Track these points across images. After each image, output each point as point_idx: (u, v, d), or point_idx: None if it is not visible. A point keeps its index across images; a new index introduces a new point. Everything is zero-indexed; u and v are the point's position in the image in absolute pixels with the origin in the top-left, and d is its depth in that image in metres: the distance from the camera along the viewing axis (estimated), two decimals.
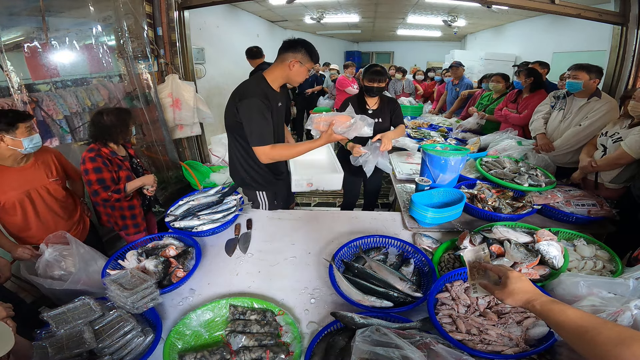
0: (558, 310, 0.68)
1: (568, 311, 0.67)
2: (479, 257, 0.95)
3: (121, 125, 1.81)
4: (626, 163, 1.75)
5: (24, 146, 1.52)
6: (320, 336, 1.01)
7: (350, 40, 11.63)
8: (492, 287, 0.82)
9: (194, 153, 3.66)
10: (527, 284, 0.77)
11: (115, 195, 1.77)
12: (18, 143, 1.50)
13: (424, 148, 1.90)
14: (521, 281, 0.77)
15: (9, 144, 1.49)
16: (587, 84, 2.12)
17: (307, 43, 1.63)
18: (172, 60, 3.20)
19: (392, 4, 6.04)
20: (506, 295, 0.77)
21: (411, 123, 3.82)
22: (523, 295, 0.75)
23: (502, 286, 0.79)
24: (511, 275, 0.78)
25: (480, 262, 0.93)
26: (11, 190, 1.57)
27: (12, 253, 1.58)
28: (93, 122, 1.79)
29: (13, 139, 1.48)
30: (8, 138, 1.48)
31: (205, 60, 4.75)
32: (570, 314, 0.66)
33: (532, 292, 0.75)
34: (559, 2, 2.71)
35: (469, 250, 0.98)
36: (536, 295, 0.73)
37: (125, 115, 1.85)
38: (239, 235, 1.63)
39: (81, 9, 2.43)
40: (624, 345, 0.56)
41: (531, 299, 0.73)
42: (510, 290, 0.76)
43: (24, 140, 1.51)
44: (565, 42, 5.00)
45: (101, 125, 1.77)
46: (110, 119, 1.78)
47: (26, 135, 1.52)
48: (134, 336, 1.00)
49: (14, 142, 1.49)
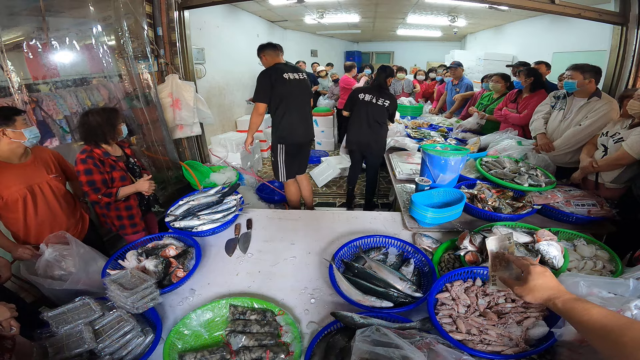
0: (581, 309, 0.64)
1: (592, 310, 0.63)
2: (503, 246, 0.86)
3: (107, 125, 1.78)
4: (627, 163, 1.75)
5: (26, 137, 1.56)
6: (320, 336, 1.01)
7: (350, 40, 11.62)
8: (513, 282, 0.77)
9: (194, 153, 3.66)
10: (550, 279, 0.72)
11: (105, 199, 1.76)
12: (19, 134, 1.54)
13: (424, 148, 1.90)
14: (544, 277, 0.72)
15: (12, 136, 1.53)
16: (582, 83, 2.12)
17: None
18: (172, 60, 3.19)
19: (392, 4, 6.03)
20: (526, 291, 0.72)
21: (411, 123, 3.82)
22: (544, 293, 0.70)
23: (522, 281, 0.74)
24: (533, 271, 0.73)
25: (504, 253, 0.85)
26: (14, 186, 1.58)
27: (12, 253, 1.58)
28: (80, 124, 1.79)
29: (14, 131, 1.53)
30: (9, 131, 1.52)
31: (205, 60, 4.75)
32: (594, 313, 0.62)
33: (554, 288, 0.70)
34: (559, 2, 2.71)
35: (493, 238, 0.88)
36: (559, 293, 0.69)
37: (110, 114, 1.82)
38: (239, 235, 1.63)
39: (81, 9, 2.43)
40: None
41: (552, 297, 0.69)
42: (532, 287, 0.72)
43: (24, 131, 1.55)
44: (565, 42, 4.99)
45: (87, 126, 1.76)
46: (95, 119, 1.76)
47: (24, 127, 1.56)
48: (134, 336, 1.00)
49: (16, 134, 1.53)
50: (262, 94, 2.56)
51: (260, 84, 2.55)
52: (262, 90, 2.55)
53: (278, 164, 2.81)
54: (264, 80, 2.54)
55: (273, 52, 2.65)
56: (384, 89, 3.06)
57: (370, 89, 3.10)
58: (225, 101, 5.61)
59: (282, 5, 5.60)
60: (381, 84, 3.07)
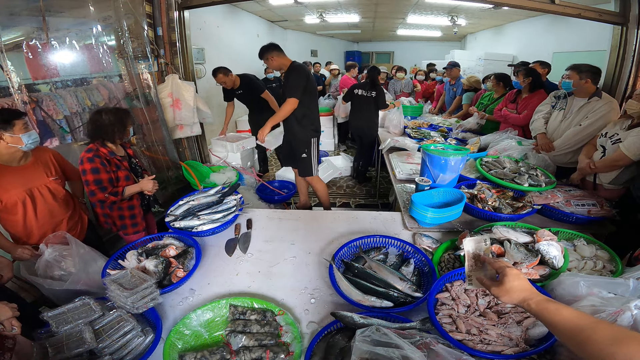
0: (553, 310, 0.68)
1: (563, 310, 0.67)
2: (479, 247, 0.91)
3: (119, 124, 1.80)
4: (624, 165, 1.75)
5: (23, 142, 1.53)
6: (320, 336, 1.01)
7: (350, 40, 11.63)
8: (489, 283, 0.81)
9: (194, 153, 3.66)
10: (525, 282, 0.77)
11: (112, 197, 1.77)
12: (17, 139, 1.51)
13: (424, 148, 1.90)
14: (519, 279, 0.76)
15: (9, 141, 1.50)
16: (578, 83, 2.12)
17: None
18: (172, 60, 3.19)
19: (392, 4, 6.04)
20: (503, 292, 0.76)
21: (411, 123, 3.82)
22: (520, 294, 0.74)
23: (499, 283, 0.78)
24: (510, 273, 0.77)
25: (480, 255, 0.90)
26: (13, 189, 1.57)
27: (11, 253, 1.58)
28: (91, 121, 1.79)
29: (12, 136, 1.50)
30: (7, 135, 1.49)
31: (205, 60, 4.76)
32: (565, 314, 0.66)
33: (528, 290, 0.75)
34: (559, 2, 2.71)
35: (470, 239, 0.93)
36: (532, 294, 0.73)
37: (123, 115, 1.84)
38: (239, 235, 1.63)
39: (81, 9, 2.43)
40: (618, 344, 0.56)
41: (527, 298, 0.73)
42: (508, 289, 0.76)
43: (22, 136, 1.52)
44: (565, 42, 5.00)
45: (99, 124, 1.77)
46: (108, 118, 1.77)
47: (23, 131, 1.53)
48: (134, 336, 1.00)
49: (13, 139, 1.51)
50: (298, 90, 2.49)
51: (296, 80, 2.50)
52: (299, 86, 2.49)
53: (312, 159, 2.83)
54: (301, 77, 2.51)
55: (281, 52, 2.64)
56: (375, 84, 3.79)
57: (364, 85, 3.87)
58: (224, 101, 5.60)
59: (282, 5, 5.61)
60: (373, 80, 3.80)
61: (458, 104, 4.38)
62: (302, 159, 2.84)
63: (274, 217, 1.80)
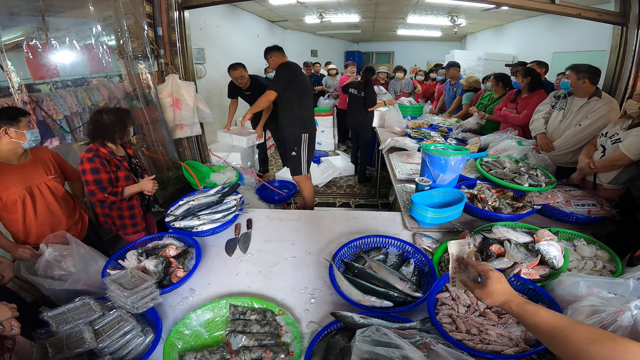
0: (532, 311, 0.71)
1: (542, 312, 0.70)
2: (463, 250, 0.93)
3: (119, 124, 1.80)
4: (624, 164, 1.75)
5: (27, 138, 1.56)
6: (320, 336, 1.01)
7: (350, 40, 11.63)
8: (472, 286, 0.84)
9: (194, 153, 3.65)
10: (506, 285, 0.79)
11: (112, 197, 1.77)
12: (21, 135, 1.54)
13: (424, 148, 1.90)
14: (500, 282, 0.79)
15: (13, 136, 1.53)
16: (575, 84, 2.12)
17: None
18: (172, 60, 3.19)
19: (392, 4, 6.03)
20: (485, 295, 0.79)
21: (411, 123, 3.82)
22: (501, 297, 0.77)
23: (482, 285, 0.80)
24: (492, 276, 0.80)
25: (463, 257, 0.92)
26: (12, 187, 1.57)
27: (11, 253, 1.58)
28: (92, 121, 1.79)
29: (17, 131, 1.53)
30: (12, 131, 1.52)
31: (205, 60, 4.75)
32: (543, 315, 0.69)
33: (509, 293, 0.77)
34: (559, 2, 2.71)
35: (454, 242, 0.95)
36: (513, 297, 0.76)
37: (124, 114, 1.85)
38: (239, 235, 1.64)
39: (81, 9, 2.42)
40: (595, 343, 0.58)
41: (508, 300, 0.76)
42: (490, 291, 0.78)
43: (26, 133, 1.56)
44: (565, 42, 4.99)
45: (100, 124, 1.77)
46: (109, 118, 1.78)
47: (28, 128, 1.57)
48: (134, 336, 1.00)
49: (18, 135, 1.53)
50: (279, 85, 2.65)
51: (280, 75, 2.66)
52: (280, 81, 2.65)
53: (301, 156, 2.85)
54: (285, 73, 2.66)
55: (280, 53, 2.77)
56: (368, 85, 3.88)
57: (357, 84, 4.01)
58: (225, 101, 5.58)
59: (282, 5, 5.61)
60: (367, 81, 3.88)
61: (458, 104, 4.38)
62: (292, 156, 2.87)
63: (274, 217, 1.80)
